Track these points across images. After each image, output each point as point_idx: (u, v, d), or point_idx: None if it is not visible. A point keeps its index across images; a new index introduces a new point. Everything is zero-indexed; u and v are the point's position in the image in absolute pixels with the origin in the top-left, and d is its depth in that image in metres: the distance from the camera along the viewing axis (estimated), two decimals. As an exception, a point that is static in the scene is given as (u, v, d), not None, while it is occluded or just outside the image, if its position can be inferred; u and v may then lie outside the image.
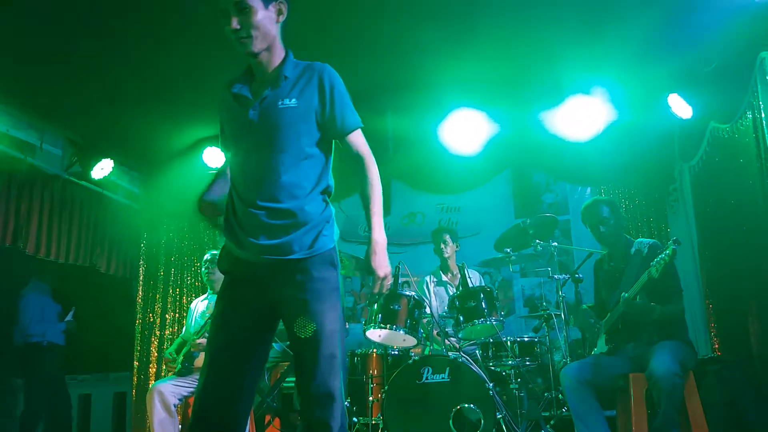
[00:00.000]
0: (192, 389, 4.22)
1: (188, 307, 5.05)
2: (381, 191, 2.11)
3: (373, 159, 2.14)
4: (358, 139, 2.14)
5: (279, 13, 2.08)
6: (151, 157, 5.95)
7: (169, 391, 4.12)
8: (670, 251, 3.08)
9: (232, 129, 2.15)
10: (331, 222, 2.10)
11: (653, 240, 3.60)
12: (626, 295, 3.26)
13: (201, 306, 4.64)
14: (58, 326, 5.79)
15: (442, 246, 5.13)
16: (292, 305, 1.98)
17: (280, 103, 2.05)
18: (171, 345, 4.63)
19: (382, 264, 2.01)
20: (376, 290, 2.01)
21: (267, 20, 2.03)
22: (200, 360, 4.29)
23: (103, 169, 5.55)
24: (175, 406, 4.13)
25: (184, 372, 4.25)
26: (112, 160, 5.57)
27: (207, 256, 4.60)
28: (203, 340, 4.23)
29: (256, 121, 2.05)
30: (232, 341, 2.00)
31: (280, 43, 2.14)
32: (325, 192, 2.12)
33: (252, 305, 2.03)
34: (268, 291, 2.02)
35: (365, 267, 2.02)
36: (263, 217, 2.01)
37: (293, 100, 2.05)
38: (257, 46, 2.04)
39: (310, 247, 2.00)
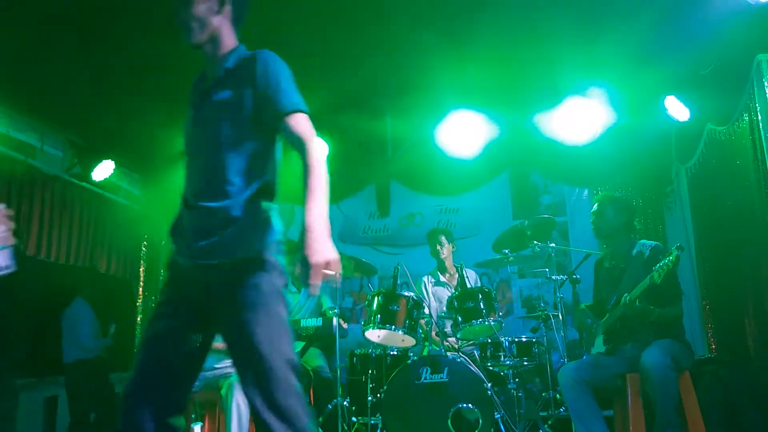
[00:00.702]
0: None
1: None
2: (324, 177, 1.86)
3: (317, 143, 1.92)
4: (298, 122, 1.94)
5: (221, 3, 2.07)
6: (152, 158, 5.96)
7: (169, 391, 4.13)
8: (673, 258, 3.06)
9: (184, 128, 2.13)
10: (266, 223, 1.93)
11: (655, 242, 3.60)
12: (628, 296, 3.28)
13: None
14: (104, 341, 6.01)
15: (438, 247, 5.17)
16: (222, 314, 1.88)
17: (214, 96, 2.01)
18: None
19: (318, 249, 1.73)
20: (313, 280, 1.70)
21: (206, 11, 2.04)
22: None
23: (103, 170, 5.58)
24: (175, 406, 4.14)
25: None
26: (112, 162, 5.59)
27: None
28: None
29: (194, 117, 2.04)
30: (165, 333, 1.92)
31: (230, 37, 2.11)
32: (263, 190, 1.97)
33: (187, 308, 1.94)
34: (200, 296, 1.92)
35: (300, 258, 1.74)
36: (194, 217, 1.94)
37: (227, 92, 1.99)
38: (196, 36, 2.05)
39: (237, 250, 1.87)
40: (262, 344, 1.80)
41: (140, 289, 6.50)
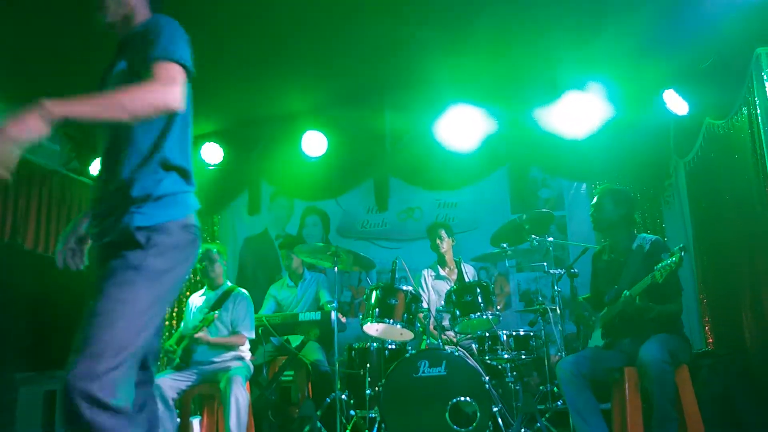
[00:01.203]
0: (190, 383, 4.25)
1: (186, 302, 5.07)
2: (120, 107, 1.64)
3: (166, 91, 1.69)
4: (163, 68, 1.74)
5: None
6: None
7: (168, 385, 4.13)
8: (677, 259, 3.04)
9: None
10: (160, 199, 1.81)
11: (656, 237, 3.59)
12: (628, 293, 3.27)
13: (198, 301, 4.67)
14: None
15: (438, 241, 5.19)
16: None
17: (114, 70, 1.98)
18: (170, 338, 4.66)
19: (20, 120, 1.60)
20: None
21: None
22: (198, 354, 4.34)
23: (101, 164, 5.57)
24: (173, 400, 4.15)
25: (182, 366, 4.28)
26: (110, 156, 5.58)
27: (200, 250, 4.60)
28: (201, 334, 4.27)
29: None
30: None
31: (146, 16, 2.07)
32: (163, 165, 1.85)
33: None
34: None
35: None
36: (95, 201, 1.92)
37: (122, 63, 1.95)
38: (110, 16, 2.04)
39: (117, 226, 1.78)
40: (98, 313, 1.64)
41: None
